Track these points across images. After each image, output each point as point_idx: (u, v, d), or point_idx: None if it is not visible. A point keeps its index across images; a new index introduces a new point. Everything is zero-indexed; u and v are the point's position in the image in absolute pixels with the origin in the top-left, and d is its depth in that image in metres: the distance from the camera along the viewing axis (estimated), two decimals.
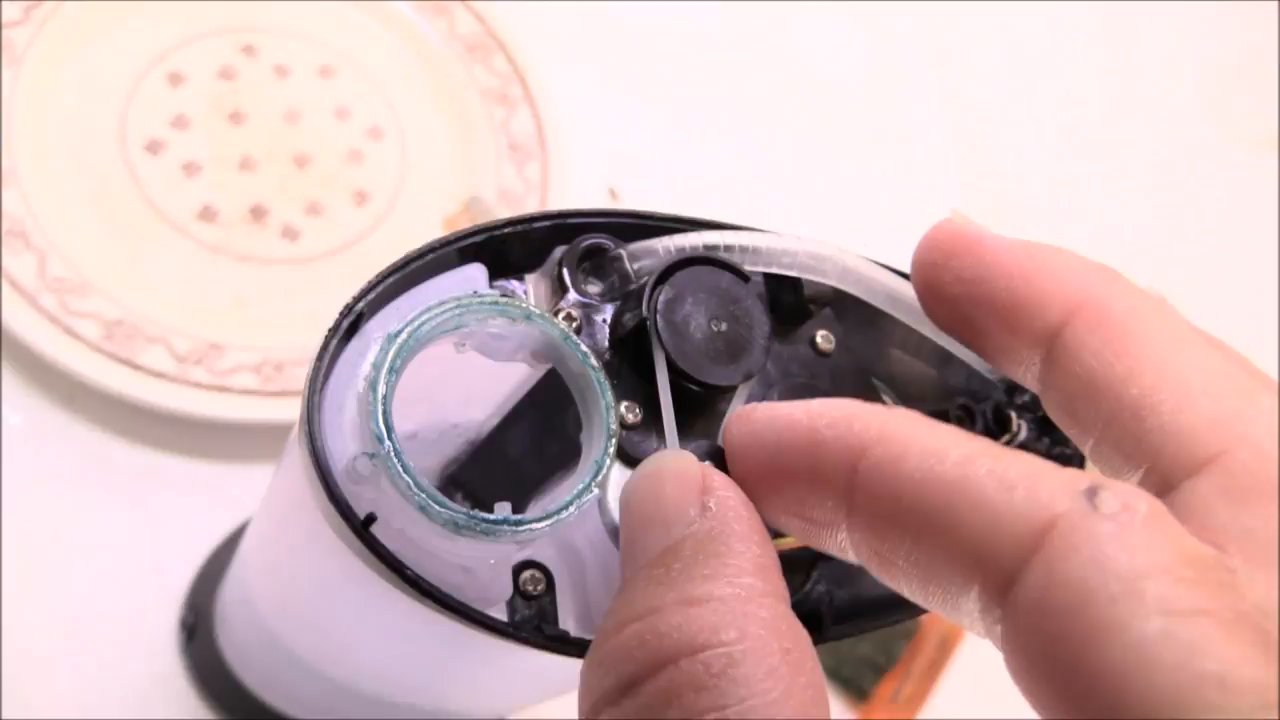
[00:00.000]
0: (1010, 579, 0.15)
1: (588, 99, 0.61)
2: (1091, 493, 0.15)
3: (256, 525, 0.33)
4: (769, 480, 0.18)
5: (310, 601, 0.29)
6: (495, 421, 0.33)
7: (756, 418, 0.19)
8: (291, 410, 0.47)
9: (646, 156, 0.62)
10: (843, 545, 0.18)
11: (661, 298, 0.23)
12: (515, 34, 0.59)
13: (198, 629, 0.44)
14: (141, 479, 0.47)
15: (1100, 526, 0.14)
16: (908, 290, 0.26)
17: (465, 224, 0.52)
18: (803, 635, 0.16)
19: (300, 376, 0.48)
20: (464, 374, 0.27)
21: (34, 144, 0.50)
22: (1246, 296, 0.75)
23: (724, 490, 0.18)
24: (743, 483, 0.18)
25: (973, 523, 0.15)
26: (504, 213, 0.54)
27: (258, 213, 0.52)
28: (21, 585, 0.44)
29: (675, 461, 0.19)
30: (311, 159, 0.54)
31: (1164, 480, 0.17)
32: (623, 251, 0.24)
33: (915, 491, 0.16)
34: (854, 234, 0.64)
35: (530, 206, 0.55)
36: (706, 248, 0.24)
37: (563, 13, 0.65)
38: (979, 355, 0.21)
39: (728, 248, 0.24)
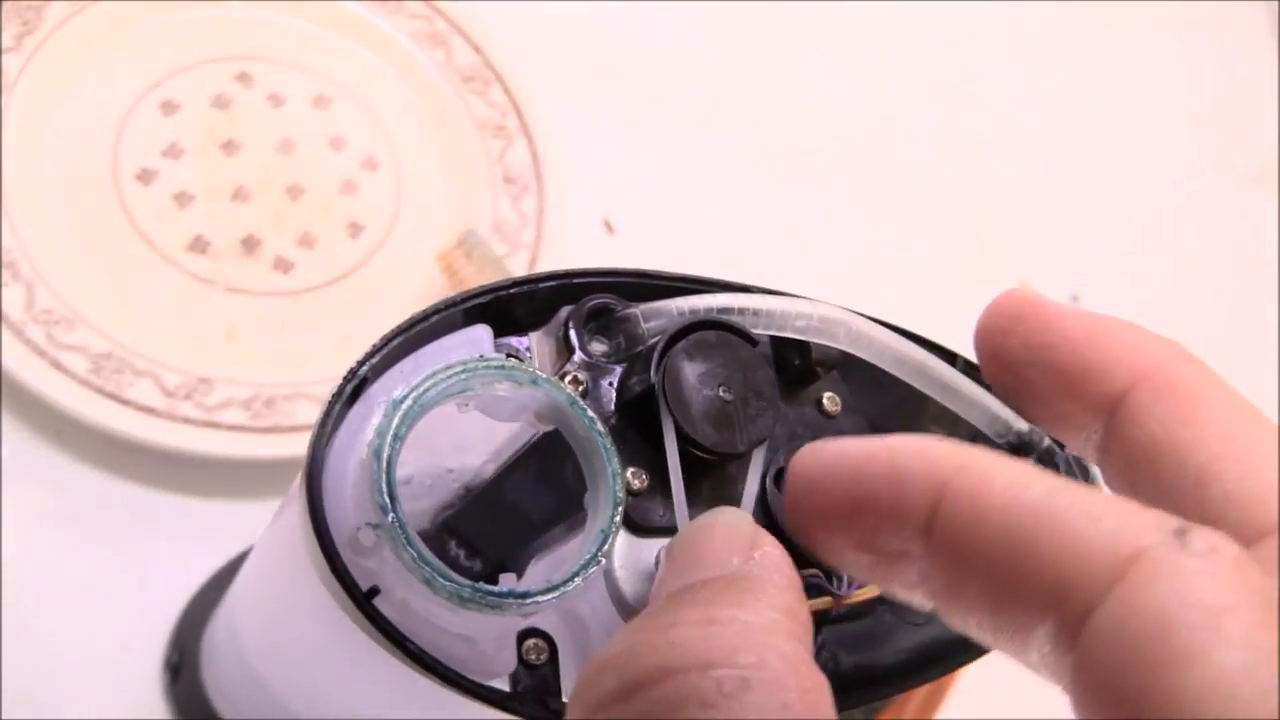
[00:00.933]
0: (1088, 610, 0.15)
1: (585, 132, 0.61)
2: (1181, 531, 0.15)
3: (250, 571, 0.32)
4: (841, 512, 0.18)
5: (302, 657, 0.28)
6: (492, 468, 0.33)
7: (830, 449, 0.18)
8: (282, 446, 0.46)
9: (643, 191, 0.62)
10: (911, 579, 0.17)
11: (670, 364, 0.22)
12: (513, 66, 0.58)
13: (183, 669, 0.43)
14: (128, 515, 0.47)
15: (1188, 562, 0.14)
16: (912, 351, 0.25)
17: (459, 257, 0.51)
18: (824, 684, 0.16)
19: (291, 411, 0.47)
20: (460, 419, 0.27)
21: (23, 172, 0.49)
22: (1240, 332, 0.75)
23: (771, 547, 0.18)
24: (808, 517, 0.18)
25: (1055, 551, 0.15)
26: (498, 246, 0.54)
27: (250, 244, 0.52)
28: (4, 621, 0.43)
29: (730, 516, 0.19)
30: (305, 190, 0.54)
31: None
32: (630, 313, 0.23)
33: (999, 519, 0.16)
34: (851, 272, 0.65)
35: (525, 240, 0.54)
36: (713, 310, 0.23)
37: (561, 46, 0.64)
38: (1038, 423, 0.21)
39: (735, 310, 0.23)
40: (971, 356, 0.28)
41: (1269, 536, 0.16)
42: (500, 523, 0.33)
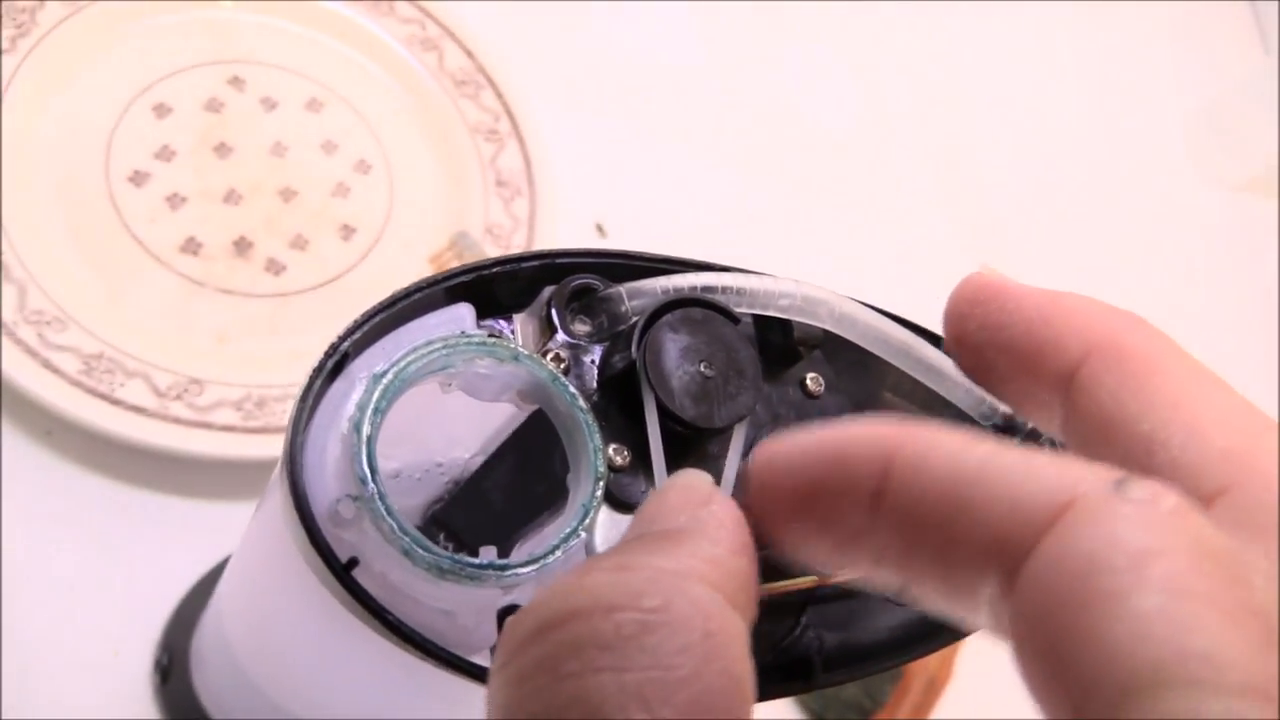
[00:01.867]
0: (1024, 558, 0.15)
1: (576, 136, 0.61)
2: (1120, 481, 0.15)
3: (235, 566, 0.32)
4: (797, 500, 0.18)
5: (288, 644, 0.28)
6: (480, 461, 0.33)
7: (783, 441, 0.18)
8: (273, 447, 0.46)
9: (635, 194, 0.62)
10: (869, 558, 0.17)
11: (651, 339, 0.22)
12: (505, 70, 0.59)
13: (172, 670, 0.43)
14: (119, 515, 0.46)
15: (1120, 508, 0.14)
16: (899, 334, 0.25)
17: (451, 260, 0.52)
18: (735, 629, 0.16)
19: (283, 412, 0.47)
20: (449, 412, 0.27)
21: (16, 174, 0.49)
22: (1228, 338, 0.75)
23: (722, 504, 0.17)
24: (767, 512, 0.18)
25: (995, 505, 0.15)
26: (490, 249, 0.54)
27: (242, 246, 0.52)
28: None
29: (689, 477, 0.19)
30: (297, 192, 0.54)
31: None
32: (612, 292, 0.23)
33: (942, 483, 0.16)
34: (841, 273, 0.65)
35: (517, 243, 0.55)
36: (695, 289, 0.23)
37: (553, 49, 0.65)
38: (1007, 404, 0.21)
39: (717, 289, 0.24)
40: None
41: (1216, 500, 0.16)
42: (487, 514, 0.33)
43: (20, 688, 0.43)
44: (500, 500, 0.32)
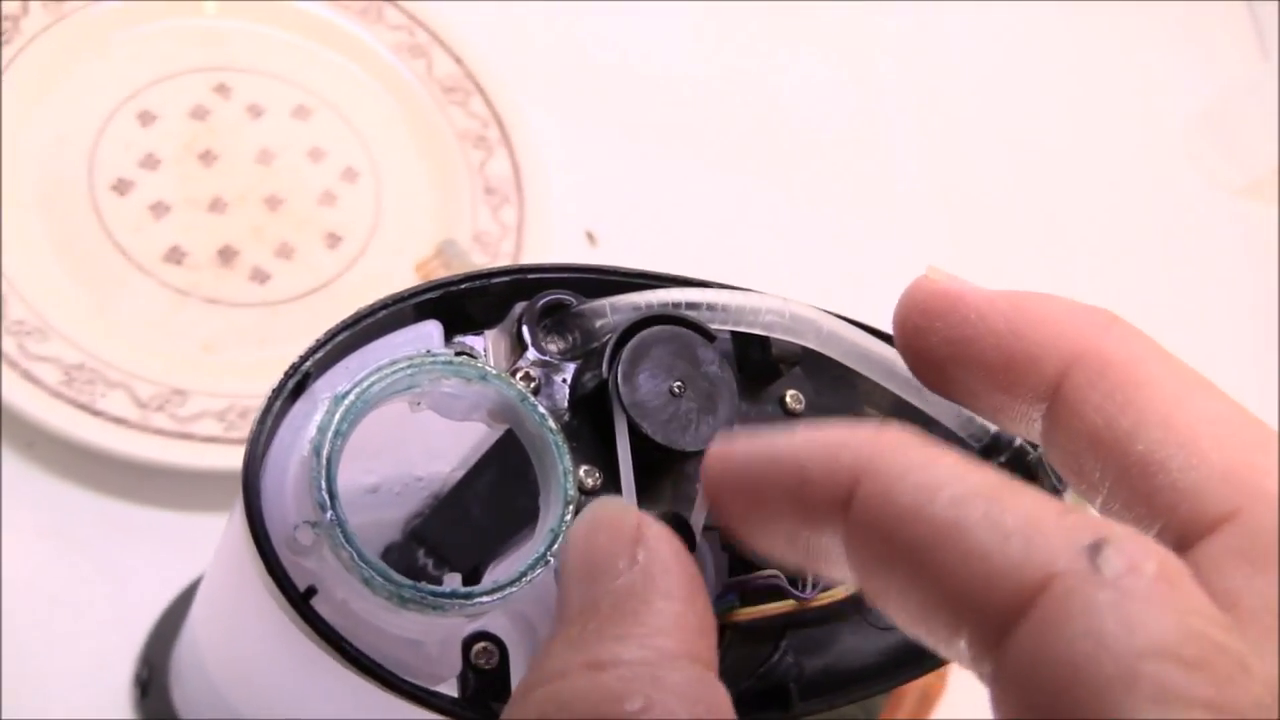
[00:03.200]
0: (1000, 634, 0.14)
1: (566, 143, 0.61)
2: (1095, 549, 0.14)
3: (205, 584, 0.31)
4: (755, 515, 0.17)
5: (256, 665, 0.28)
6: (460, 475, 0.32)
7: (737, 454, 0.17)
8: None
9: (625, 201, 0.62)
10: (845, 577, 0.17)
11: (623, 357, 0.22)
12: (494, 77, 0.58)
13: (151, 685, 0.42)
14: (99, 527, 0.46)
15: (1099, 595, 0.13)
16: (880, 349, 0.25)
17: (438, 268, 0.51)
18: (720, 699, 0.16)
19: None
20: (429, 425, 0.26)
21: None
22: (1228, 342, 0.74)
23: (655, 542, 0.17)
24: (730, 520, 0.18)
25: (963, 574, 0.14)
26: (478, 257, 0.53)
27: (227, 255, 0.51)
28: None
29: (609, 510, 0.18)
30: (284, 200, 0.53)
31: (1178, 540, 0.16)
32: (585, 308, 0.23)
33: (907, 532, 0.15)
34: (834, 281, 0.64)
35: (506, 251, 0.54)
36: (671, 305, 0.23)
37: (542, 56, 0.64)
38: (979, 417, 0.20)
39: (693, 305, 0.23)
40: None
41: (1221, 527, 0.15)
42: (468, 529, 0.32)
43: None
44: (481, 514, 0.31)
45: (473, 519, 0.31)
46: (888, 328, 0.26)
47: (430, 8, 0.59)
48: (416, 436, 0.31)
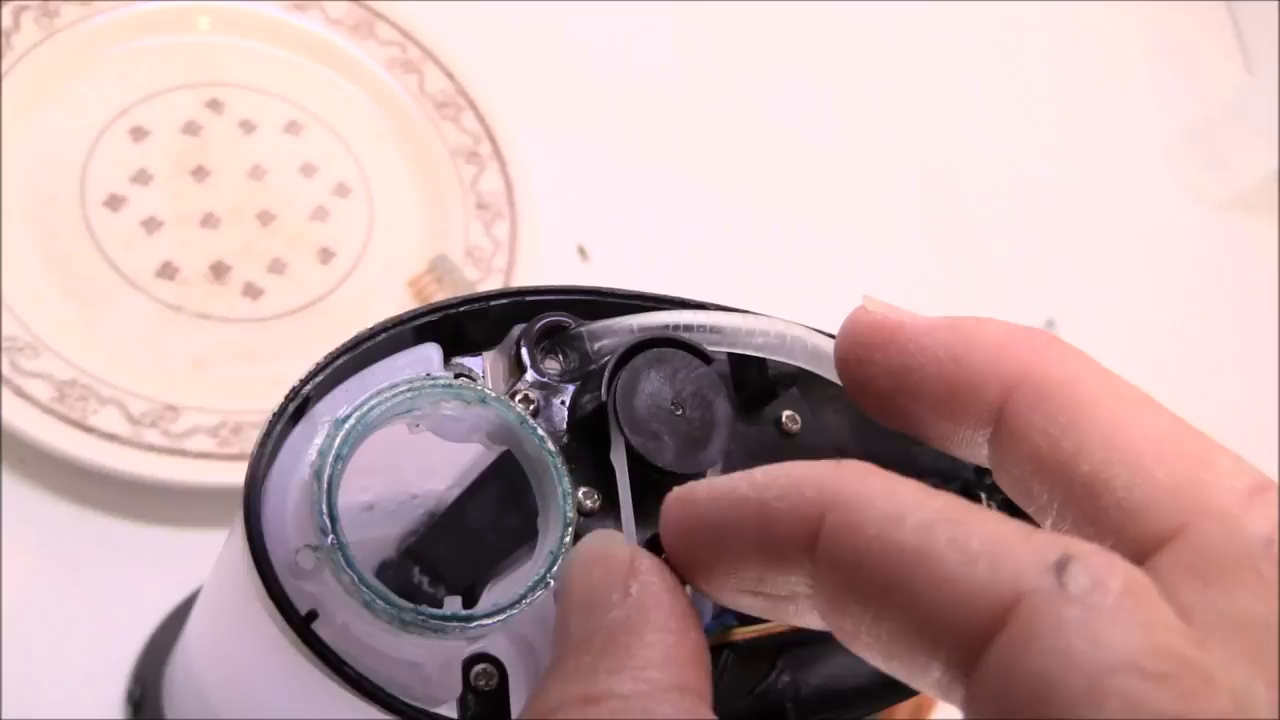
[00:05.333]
0: (973, 656, 0.14)
1: (558, 158, 0.61)
2: (1060, 566, 0.14)
3: (202, 602, 0.31)
4: (719, 562, 0.17)
5: (253, 686, 0.28)
6: (456, 493, 0.32)
7: (698, 498, 0.18)
8: None
9: (617, 216, 0.62)
10: (810, 619, 0.17)
11: (622, 380, 0.22)
12: (486, 92, 0.58)
13: (144, 702, 0.42)
14: (91, 544, 0.46)
15: (1066, 611, 0.13)
16: None
17: (430, 283, 0.51)
18: None
19: None
20: (425, 443, 0.26)
21: None
22: (1215, 355, 0.75)
23: (649, 575, 0.17)
24: (688, 567, 0.18)
25: (933, 598, 0.14)
26: (471, 272, 0.53)
27: (219, 270, 0.51)
28: None
29: (603, 543, 0.18)
30: (276, 216, 0.53)
31: (1130, 559, 0.16)
32: (583, 330, 0.23)
33: (874, 563, 0.15)
34: (823, 296, 0.64)
35: (498, 266, 0.54)
36: (668, 328, 0.23)
37: (534, 72, 0.65)
38: (930, 444, 0.20)
39: (690, 327, 0.23)
40: None
41: (1170, 543, 0.15)
42: (464, 548, 0.32)
43: None
44: (477, 533, 0.31)
45: (468, 537, 0.32)
46: None
47: (422, 23, 0.59)
48: (412, 455, 0.31)
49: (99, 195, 0.51)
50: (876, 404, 0.19)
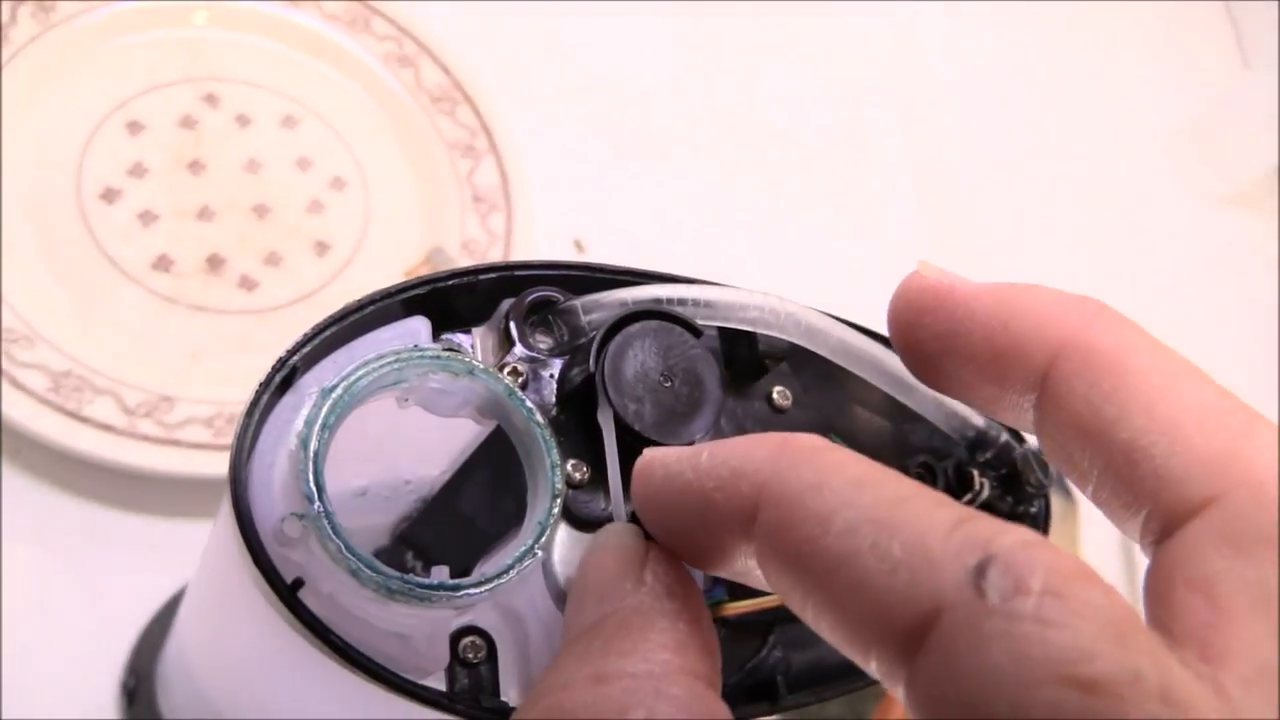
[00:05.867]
0: (906, 657, 0.14)
1: (554, 151, 0.61)
2: (979, 572, 0.14)
3: (193, 584, 0.31)
4: (677, 537, 0.18)
5: (244, 664, 0.27)
6: (448, 477, 0.32)
7: (654, 475, 0.18)
8: None
9: (612, 208, 0.62)
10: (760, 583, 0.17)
11: (610, 353, 0.22)
12: (482, 86, 0.58)
13: (139, 693, 0.42)
14: (86, 534, 0.46)
15: (986, 625, 0.13)
16: (866, 345, 0.25)
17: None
18: (720, 712, 0.16)
19: None
20: (417, 428, 0.26)
21: None
22: (1211, 350, 0.75)
23: (662, 566, 0.17)
24: (659, 535, 0.18)
25: (857, 606, 0.14)
26: (465, 265, 0.53)
27: (215, 262, 0.51)
28: None
29: (619, 535, 0.18)
30: (272, 209, 0.53)
31: (1164, 526, 0.16)
32: (572, 304, 0.23)
33: (803, 565, 0.15)
34: (821, 286, 0.64)
35: (494, 258, 0.54)
36: (658, 301, 0.23)
37: (530, 65, 0.65)
38: (976, 410, 0.20)
39: (680, 301, 0.23)
40: None
41: (1203, 512, 0.15)
42: (455, 532, 0.32)
43: None
44: (469, 517, 0.31)
45: (461, 522, 0.31)
46: (874, 326, 0.26)
47: (418, 18, 0.59)
48: (404, 440, 0.31)
49: (95, 188, 0.51)
50: (926, 367, 0.19)
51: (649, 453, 0.18)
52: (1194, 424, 0.16)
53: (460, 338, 0.24)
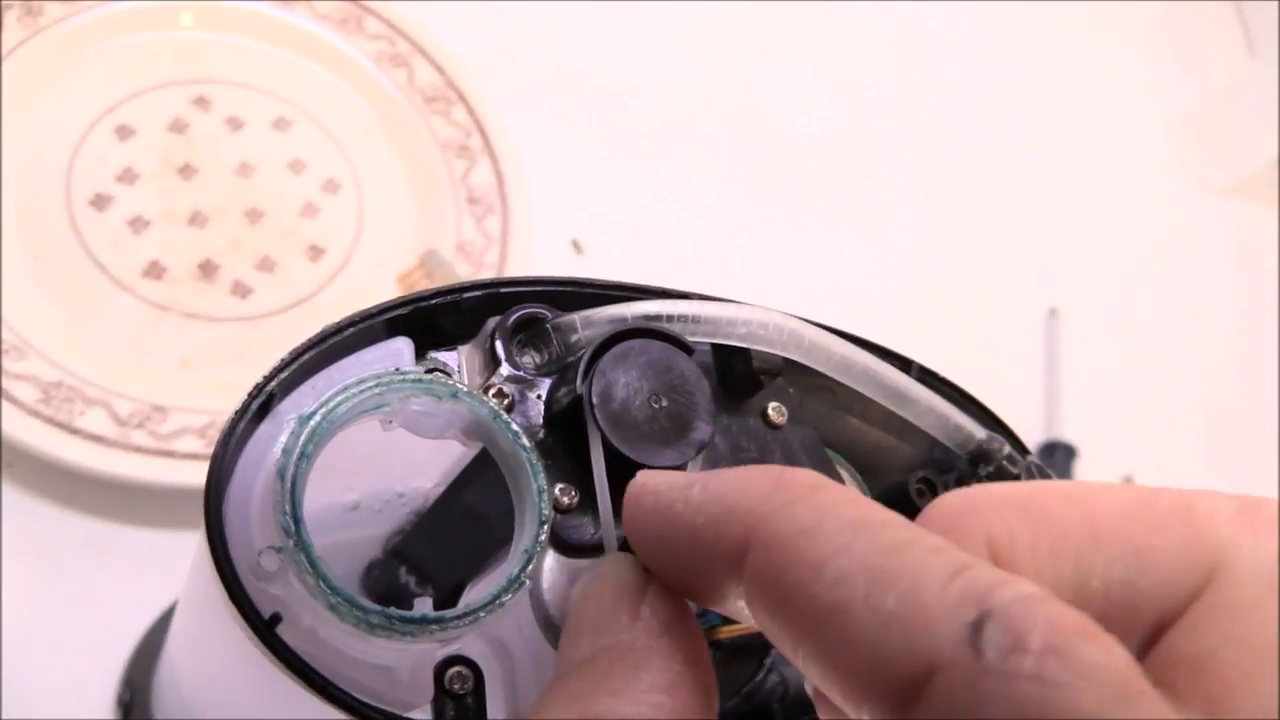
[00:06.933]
0: (897, 713, 0.13)
1: (550, 151, 0.60)
2: (977, 628, 0.13)
3: (180, 605, 0.31)
4: (669, 571, 0.17)
5: (227, 692, 0.27)
6: (441, 490, 0.31)
7: (643, 505, 0.17)
8: None
9: (610, 209, 0.61)
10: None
11: (598, 372, 0.21)
12: (476, 85, 0.58)
13: (134, 706, 0.42)
14: (79, 547, 0.45)
15: (983, 686, 0.13)
16: (862, 358, 0.24)
17: (420, 279, 0.50)
18: None
19: None
20: (409, 441, 0.26)
21: None
22: (1215, 340, 0.74)
23: (659, 601, 0.17)
24: (650, 566, 0.17)
25: (849, 659, 0.14)
26: (462, 267, 0.53)
27: (207, 269, 0.51)
28: None
29: (617, 567, 0.18)
30: (265, 213, 0.53)
31: (1154, 630, 0.15)
32: (559, 322, 0.22)
33: (793, 611, 0.14)
34: (819, 288, 0.64)
35: (490, 261, 0.53)
36: (649, 317, 0.22)
37: (524, 64, 0.64)
38: (965, 424, 0.19)
39: (670, 317, 0.22)
40: (933, 363, 0.27)
41: (1196, 601, 0.15)
42: (449, 546, 0.31)
43: None
44: (463, 531, 0.30)
45: (454, 535, 0.31)
46: (871, 336, 0.26)
47: (410, 17, 0.58)
48: (397, 453, 0.30)
49: (85, 195, 0.50)
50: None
51: (640, 479, 0.18)
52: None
53: (445, 356, 0.23)
